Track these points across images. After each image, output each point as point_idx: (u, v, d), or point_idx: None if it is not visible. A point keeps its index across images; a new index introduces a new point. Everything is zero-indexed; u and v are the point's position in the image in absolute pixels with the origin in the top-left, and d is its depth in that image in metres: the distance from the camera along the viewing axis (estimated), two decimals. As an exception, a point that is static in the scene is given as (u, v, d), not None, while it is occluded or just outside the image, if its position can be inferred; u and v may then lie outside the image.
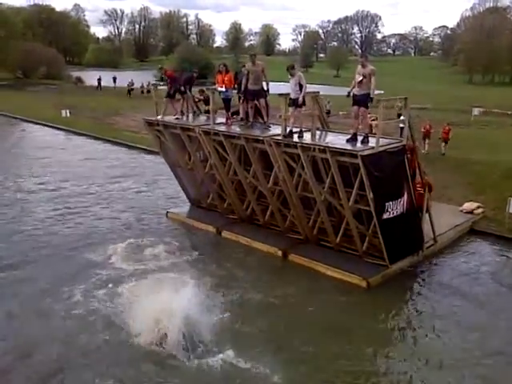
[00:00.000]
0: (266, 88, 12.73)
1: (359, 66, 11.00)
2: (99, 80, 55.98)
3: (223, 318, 9.57)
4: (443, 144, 21.85)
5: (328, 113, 28.67)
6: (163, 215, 15.71)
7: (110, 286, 10.88)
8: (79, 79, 67.63)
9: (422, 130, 21.98)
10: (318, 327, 9.61)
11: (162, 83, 16.82)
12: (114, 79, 57.33)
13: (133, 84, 50.15)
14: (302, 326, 9.61)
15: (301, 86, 11.45)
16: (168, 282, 10.18)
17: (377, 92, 11.79)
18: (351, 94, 11.14)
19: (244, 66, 13.74)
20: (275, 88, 12.64)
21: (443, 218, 13.88)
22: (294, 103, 11.57)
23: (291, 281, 11.44)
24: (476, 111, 34.61)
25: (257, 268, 12.13)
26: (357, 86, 10.98)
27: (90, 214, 15.87)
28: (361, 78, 10.82)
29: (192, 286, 9.75)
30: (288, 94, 11.68)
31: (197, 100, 15.36)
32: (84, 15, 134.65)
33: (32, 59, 67.45)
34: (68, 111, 32.96)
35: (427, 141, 22.10)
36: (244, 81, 12.68)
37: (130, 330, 9.08)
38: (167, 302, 8.96)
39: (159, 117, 14.51)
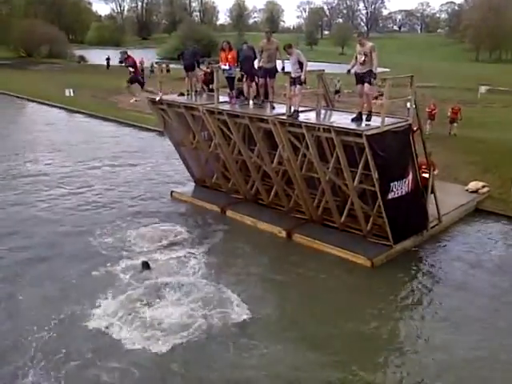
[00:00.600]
0: (282, 66, 12.17)
1: (358, 45, 10.85)
2: (108, 59, 54.74)
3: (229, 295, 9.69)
4: (451, 124, 21.34)
5: (338, 92, 28.31)
6: (167, 194, 15.73)
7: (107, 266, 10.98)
8: (82, 58, 67.17)
9: (427, 109, 21.43)
10: (324, 306, 9.67)
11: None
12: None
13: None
14: (307, 306, 9.66)
15: (301, 64, 11.30)
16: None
17: (382, 70, 11.68)
18: (352, 71, 11.02)
19: (245, 42, 13.57)
20: (280, 66, 12.38)
21: (448, 198, 13.83)
22: (295, 82, 11.44)
23: (295, 261, 11.48)
24: (483, 89, 34.25)
25: (261, 248, 12.17)
26: (359, 65, 10.85)
27: (93, 193, 15.92)
28: (363, 57, 10.66)
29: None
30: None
31: (202, 74, 15.02)
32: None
33: (34, 38, 66.95)
34: (72, 90, 32.83)
35: (429, 121, 21.40)
36: (258, 57, 12.41)
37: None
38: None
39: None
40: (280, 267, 11.23)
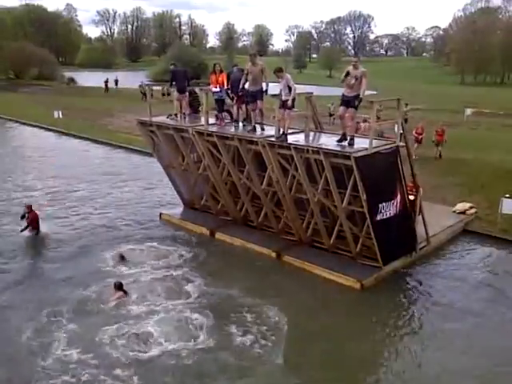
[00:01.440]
0: (264, 89, 12.28)
1: (351, 67, 10.95)
2: (106, 82, 54.02)
3: (217, 321, 9.57)
4: (437, 147, 21.07)
5: (332, 115, 28.49)
6: (156, 216, 15.64)
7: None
8: (72, 80, 67.34)
9: (414, 133, 21.21)
10: (311, 329, 9.60)
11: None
12: (116, 82, 56.13)
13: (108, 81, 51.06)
14: (295, 329, 9.58)
15: (290, 88, 11.41)
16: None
17: (370, 92, 11.83)
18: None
19: (235, 65, 13.69)
20: (270, 89, 12.51)
21: (436, 219, 13.92)
22: (284, 105, 11.54)
23: (285, 282, 11.41)
24: (468, 111, 34.81)
25: (250, 269, 12.11)
26: (347, 87, 10.99)
27: (81, 215, 15.77)
28: (353, 80, 10.82)
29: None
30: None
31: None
32: (76, 15, 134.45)
33: (24, 60, 67.12)
34: (60, 112, 32.77)
35: (416, 145, 21.08)
36: (243, 80, 12.42)
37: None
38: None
39: None
40: (268, 288, 11.13)
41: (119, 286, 10.47)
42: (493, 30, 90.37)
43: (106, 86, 53.72)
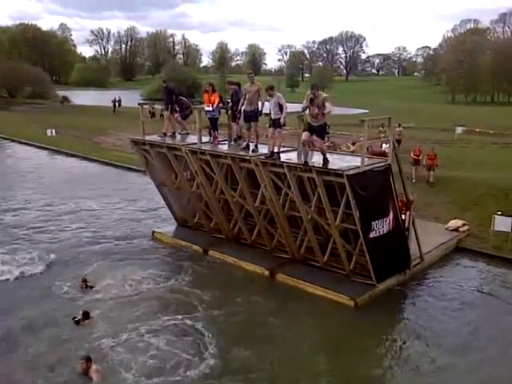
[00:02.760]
0: (260, 109, 12.24)
1: (311, 96, 10.78)
2: (115, 102, 51.12)
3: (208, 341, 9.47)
4: (429, 172, 19.93)
5: (327, 133, 28.61)
6: (149, 234, 15.56)
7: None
8: (65, 98, 67.39)
9: (412, 155, 20.37)
10: (306, 346, 9.52)
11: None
12: (119, 102, 52.37)
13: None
14: (289, 347, 9.50)
15: (281, 107, 11.46)
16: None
17: (361, 111, 11.94)
18: (304, 119, 11.15)
19: (231, 83, 13.68)
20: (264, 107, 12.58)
21: (429, 236, 13.95)
22: (275, 124, 11.58)
23: (278, 301, 11.34)
24: (459, 130, 35.08)
25: (244, 288, 12.02)
26: (311, 116, 10.90)
27: (72, 232, 15.69)
28: (316, 110, 10.69)
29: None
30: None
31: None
32: (70, 35, 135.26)
33: (17, 78, 67.15)
34: (54, 130, 32.81)
35: (414, 168, 20.20)
36: (242, 101, 12.44)
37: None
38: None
39: None
40: (262, 307, 11.06)
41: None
42: (482, 50, 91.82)
43: (115, 105, 50.92)
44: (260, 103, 12.24)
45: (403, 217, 12.38)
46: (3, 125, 39.41)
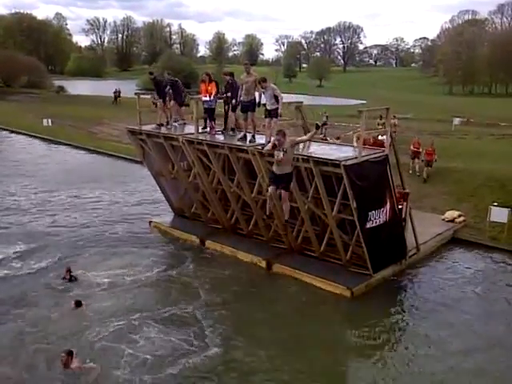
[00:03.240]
0: (257, 100, 12.21)
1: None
2: (116, 92, 48.31)
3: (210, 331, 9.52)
4: (425, 167, 19.18)
5: (325, 124, 28.32)
6: (146, 224, 15.56)
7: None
8: (61, 88, 66.93)
9: (412, 148, 19.68)
10: (304, 337, 9.57)
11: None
12: (119, 93, 49.20)
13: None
14: (284, 337, 9.54)
15: (276, 98, 11.41)
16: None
17: (358, 102, 11.93)
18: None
19: (225, 74, 13.60)
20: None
21: (425, 227, 14.00)
22: (271, 115, 11.56)
23: (275, 291, 11.41)
24: (456, 121, 35.07)
25: (240, 278, 12.07)
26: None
27: (71, 222, 15.67)
28: (281, 155, 10.44)
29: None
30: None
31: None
32: (66, 24, 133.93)
33: (13, 68, 66.57)
34: (50, 120, 32.58)
35: (417, 160, 19.64)
36: (240, 91, 12.36)
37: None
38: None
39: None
40: (258, 297, 11.12)
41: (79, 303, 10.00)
42: (480, 41, 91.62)
43: (116, 96, 48.53)
44: (257, 94, 12.20)
45: (400, 207, 12.42)
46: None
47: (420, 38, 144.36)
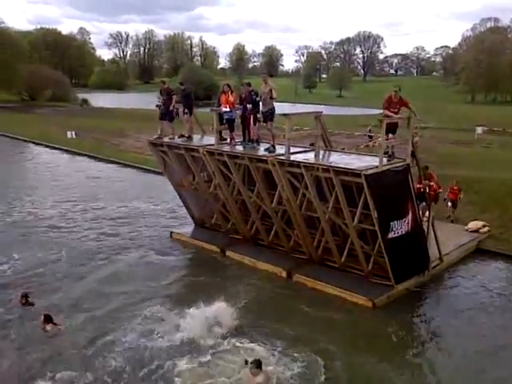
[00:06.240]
0: (273, 109, 12.44)
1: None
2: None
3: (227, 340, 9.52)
4: (450, 206, 16.26)
5: (370, 137, 28.33)
6: (167, 235, 15.68)
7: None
8: (85, 101, 68.37)
9: (451, 191, 16.38)
10: (323, 347, 9.47)
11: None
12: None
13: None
14: (305, 349, 9.45)
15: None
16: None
17: (379, 111, 11.84)
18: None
19: (243, 84, 13.74)
20: (279, 108, 12.63)
21: (449, 238, 13.80)
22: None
23: (295, 302, 11.32)
24: (479, 130, 34.68)
25: (261, 289, 12.02)
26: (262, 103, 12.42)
27: (94, 232, 15.88)
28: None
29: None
30: (292, 114, 11.85)
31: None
32: (89, 38, 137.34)
33: (38, 81, 68.40)
34: (74, 133, 33.26)
35: (450, 205, 16.33)
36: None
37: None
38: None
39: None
40: (279, 308, 11.04)
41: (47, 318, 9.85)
42: (502, 49, 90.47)
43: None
44: (274, 103, 12.41)
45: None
46: (24, 127, 40.08)
47: (441, 47, 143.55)
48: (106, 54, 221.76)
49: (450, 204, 16.30)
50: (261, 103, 12.52)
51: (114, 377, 8.48)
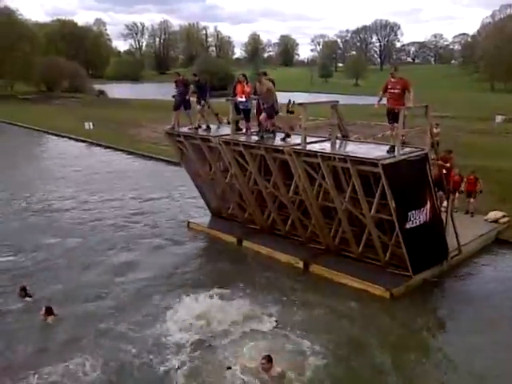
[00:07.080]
0: (276, 109, 12.80)
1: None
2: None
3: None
4: (468, 199, 15.72)
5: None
6: (184, 224, 15.78)
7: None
8: (101, 92, 68.80)
9: (467, 183, 15.70)
10: (341, 340, 9.47)
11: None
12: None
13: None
14: (324, 340, 9.45)
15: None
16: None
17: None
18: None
19: (259, 74, 13.64)
20: (296, 97, 12.62)
21: (467, 228, 13.63)
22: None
23: (312, 292, 11.31)
24: (499, 119, 34.02)
25: (278, 279, 12.04)
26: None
27: (111, 223, 16.05)
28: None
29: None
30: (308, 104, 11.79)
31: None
32: (105, 29, 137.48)
33: (55, 73, 69.02)
34: (91, 123, 33.49)
35: (471, 200, 15.74)
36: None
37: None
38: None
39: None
40: (295, 298, 11.05)
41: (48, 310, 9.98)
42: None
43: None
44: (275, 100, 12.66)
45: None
46: (43, 118, 40.55)
47: (459, 34, 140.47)
48: (121, 45, 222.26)
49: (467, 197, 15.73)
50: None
51: (125, 364, 8.59)
